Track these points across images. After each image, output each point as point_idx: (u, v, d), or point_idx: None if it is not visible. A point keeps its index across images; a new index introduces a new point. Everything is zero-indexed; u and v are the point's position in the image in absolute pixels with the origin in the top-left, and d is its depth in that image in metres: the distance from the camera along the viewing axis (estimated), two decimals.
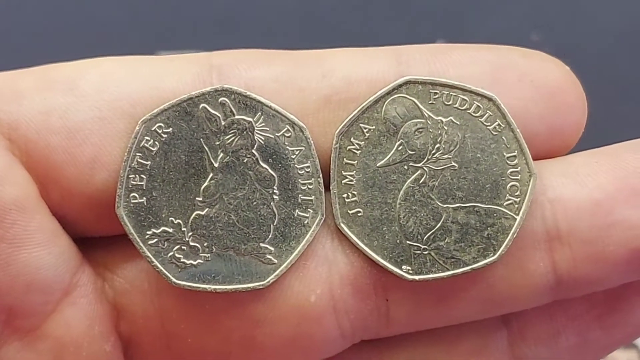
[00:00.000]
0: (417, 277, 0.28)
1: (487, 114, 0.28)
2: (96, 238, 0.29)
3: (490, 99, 0.28)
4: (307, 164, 0.28)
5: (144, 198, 0.28)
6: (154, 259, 0.28)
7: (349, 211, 0.28)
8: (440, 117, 0.28)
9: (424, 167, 0.28)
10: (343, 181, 0.28)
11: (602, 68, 0.52)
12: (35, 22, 0.55)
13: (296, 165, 0.28)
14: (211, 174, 0.28)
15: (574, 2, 0.55)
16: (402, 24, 0.48)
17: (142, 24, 0.53)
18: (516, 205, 0.28)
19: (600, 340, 0.31)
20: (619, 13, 0.54)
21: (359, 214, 0.28)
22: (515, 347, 0.31)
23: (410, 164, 0.28)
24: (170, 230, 0.28)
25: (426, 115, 0.28)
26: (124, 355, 0.30)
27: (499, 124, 0.28)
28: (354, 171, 0.28)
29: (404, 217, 0.28)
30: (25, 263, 0.27)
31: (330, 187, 0.28)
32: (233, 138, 0.28)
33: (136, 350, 0.30)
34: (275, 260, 0.28)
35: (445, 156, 0.28)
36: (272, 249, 0.28)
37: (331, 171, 0.28)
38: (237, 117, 0.28)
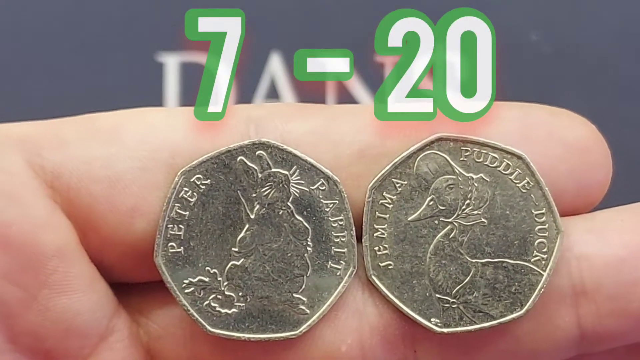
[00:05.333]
0: (445, 330, 0.29)
1: (517, 172, 0.29)
2: (131, 284, 0.30)
3: (520, 157, 0.29)
4: (341, 217, 0.29)
5: (182, 247, 0.28)
6: (190, 308, 0.29)
7: (380, 264, 0.29)
8: (470, 174, 0.29)
9: (454, 223, 0.29)
10: (375, 234, 0.29)
11: (602, 68, 0.52)
12: (35, 22, 0.54)
13: (330, 218, 0.29)
14: (247, 225, 0.29)
15: (573, 2, 0.54)
16: None
17: (142, 24, 0.53)
18: (543, 262, 0.29)
19: None
20: (619, 13, 0.54)
21: (390, 267, 0.29)
22: None
23: (441, 219, 0.29)
24: (207, 279, 0.29)
25: (457, 172, 0.29)
26: None
27: (527, 182, 0.29)
28: (386, 225, 0.29)
29: (433, 271, 0.29)
30: (65, 308, 0.28)
31: (362, 240, 0.29)
32: (269, 190, 0.29)
33: None
34: (308, 311, 0.29)
35: (475, 212, 0.29)
36: (304, 299, 0.29)
37: (363, 224, 0.29)
38: (273, 170, 0.29)
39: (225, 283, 0.29)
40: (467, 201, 0.29)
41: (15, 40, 0.53)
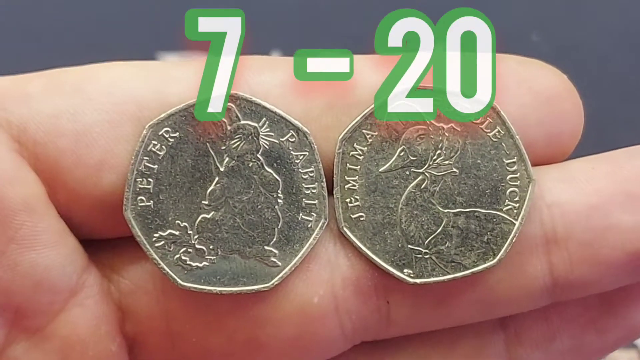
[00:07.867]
0: (418, 281, 0.29)
1: (487, 121, 0.29)
2: (102, 240, 0.30)
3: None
4: (311, 169, 0.29)
5: (151, 201, 0.28)
6: (160, 262, 0.28)
7: (351, 215, 0.29)
8: (441, 124, 0.29)
9: (425, 173, 0.29)
10: (346, 186, 0.29)
11: (602, 68, 0.52)
12: (35, 22, 0.54)
13: (300, 170, 0.29)
14: (217, 178, 0.28)
15: (574, 2, 0.54)
16: None
17: (142, 24, 0.53)
18: (515, 211, 0.29)
19: (595, 343, 0.32)
20: (619, 13, 0.54)
21: (362, 219, 0.29)
22: (512, 349, 0.32)
23: (412, 169, 0.29)
24: (177, 233, 0.28)
25: (428, 122, 0.29)
26: (129, 355, 0.30)
27: (499, 131, 0.29)
28: (357, 176, 0.29)
29: (405, 222, 0.29)
30: (33, 263, 0.28)
31: (334, 192, 0.29)
32: (238, 143, 0.28)
33: (141, 350, 0.30)
34: (279, 263, 0.29)
35: (446, 162, 0.29)
36: (276, 251, 0.29)
37: (334, 176, 0.29)
38: (242, 122, 0.28)
39: (196, 236, 0.28)
40: (438, 151, 0.29)
41: (15, 40, 0.53)
